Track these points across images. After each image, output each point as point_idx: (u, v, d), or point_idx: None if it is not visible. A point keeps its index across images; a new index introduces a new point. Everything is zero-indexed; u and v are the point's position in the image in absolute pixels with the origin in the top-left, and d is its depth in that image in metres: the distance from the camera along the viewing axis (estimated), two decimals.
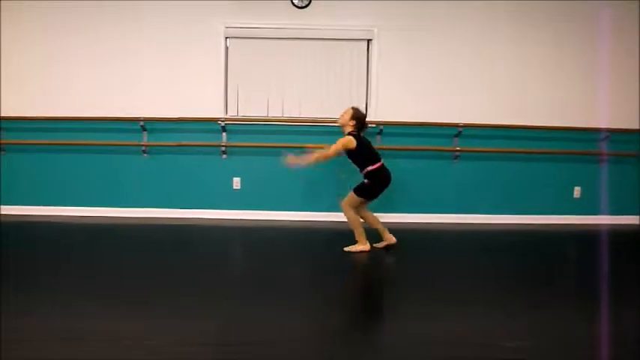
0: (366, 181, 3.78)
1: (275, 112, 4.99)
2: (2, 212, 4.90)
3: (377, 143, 4.91)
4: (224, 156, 4.97)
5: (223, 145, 4.92)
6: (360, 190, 3.79)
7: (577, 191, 5.11)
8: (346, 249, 3.82)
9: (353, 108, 3.84)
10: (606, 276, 3.31)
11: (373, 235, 3.92)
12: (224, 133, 4.90)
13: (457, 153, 4.98)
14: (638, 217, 5.06)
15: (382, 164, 3.78)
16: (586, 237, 4.65)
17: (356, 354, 2.18)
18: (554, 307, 2.79)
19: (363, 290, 3.11)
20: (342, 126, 3.84)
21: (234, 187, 5.01)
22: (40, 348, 2.15)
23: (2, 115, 4.83)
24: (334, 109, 4.96)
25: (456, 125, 4.88)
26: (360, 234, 3.83)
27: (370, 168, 3.73)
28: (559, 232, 4.78)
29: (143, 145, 4.91)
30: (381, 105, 4.95)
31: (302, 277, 3.40)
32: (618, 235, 4.68)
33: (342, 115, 3.84)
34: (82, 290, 2.90)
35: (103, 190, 4.98)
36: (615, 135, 4.97)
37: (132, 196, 4.98)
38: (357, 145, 3.69)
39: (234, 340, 2.30)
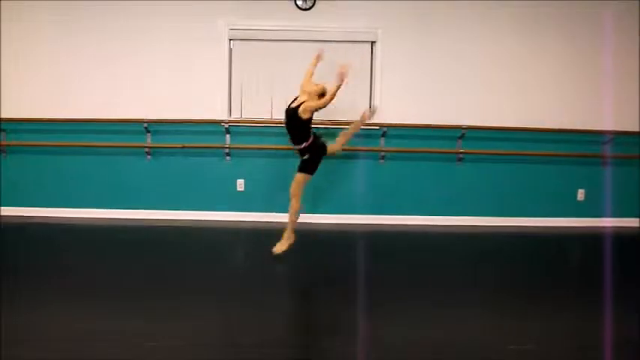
0: (306, 157, 3.74)
1: (279, 114, 4.97)
2: (4, 213, 4.87)
3: (381, 145, 4.93)
4: (228, 158, 4.96)
5: (227, 147, 4.90)
6: (305, 168, 3.74)
7: (581, 194, 5.11)
8: (276, 250, 3.70)
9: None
10: (609, 278, 3.30)
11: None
12: (228, 135, 4.89)
13: (461, 155, 4.97)
14: None
15: (314, 136, 3.74)
16: (590, 239, 4.65)
17: (353, 357, 2.16)
18: (556, 310, 2.79)
19: (363, 292, 3.08)
20: (309, 94, 3.65)
21: (238, 189, 5.00)
22: (41, 348, 2.14)
23: (4, 116, 4.81)
24: (338, 110, 4.96)
25: (460, 127, 4.88)
26: (292, 227, 3.75)
27: (306, 144, 3.69)
28: (563, 235, 4.78)
29: (147, 147, 4.89)
30: (384, 107, 4.93)
31: (303, 278, 3.41)
32: (622, 237, 4.68)
33: (318, 92, 3.65)
34: (84, 291, 2.89)
35: (107, 191, 4.96)
36: (619, 137, 4.97)
37: (135, 198, 4.96)
38: (310, 117, 3.65)
39: (237, 341, 2.30)
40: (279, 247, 3.71)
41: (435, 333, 2.45)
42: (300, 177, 3.75)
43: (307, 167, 3.74)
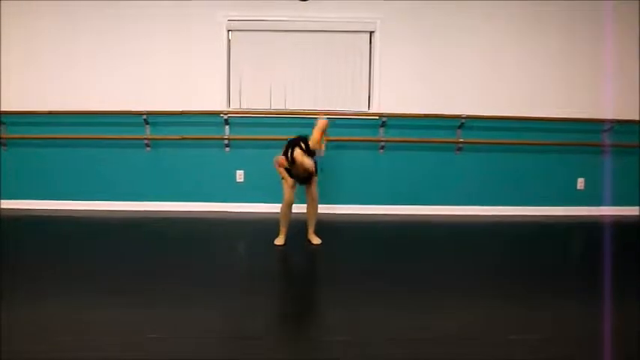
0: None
1: (278, 105, 4.98)
2: (4, 206, 4.89)
3: (379, 135, 4.93)
4: (227, 149, 4.97)
5: (226, 138, 4.91)
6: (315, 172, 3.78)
7: (580, 182, 5.10)
8: (315, 242, 3.84)
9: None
10: (610, 266, 3.29)
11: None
12: (227, 126, 4.89)
13: (460, 145, 4.97)
14: None
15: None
16: (590, 228, 4.64)
17: (358, 347, 2.16)
18: (558, 299, 2.77)
19: (365, 284, 3.09)
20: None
21: (238, 180, 5.00)
22: (41, 342, 2.13)
23: (4, 109, 4.82)
24: (337, 101, 4.97)
25: (459, 117, 4.87)
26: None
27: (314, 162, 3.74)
28: (562, 224, 4.77)
29: (146, 139, 4.90)
30: (383, 97, 4.94)
31: (304, 269, 3.40)
32: (622, 226, 4.67)
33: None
34: (85, 284, 2.88)
35: (106, 183, 4.97)
36: (618, 126, 4.96)
37: (135, 190, 4.97)
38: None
39: (241, 334, 2.30)
40: (317, 240, 3.84)
41: (434, 322, 2.44)
42: (315, 180, 3.84)
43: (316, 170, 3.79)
